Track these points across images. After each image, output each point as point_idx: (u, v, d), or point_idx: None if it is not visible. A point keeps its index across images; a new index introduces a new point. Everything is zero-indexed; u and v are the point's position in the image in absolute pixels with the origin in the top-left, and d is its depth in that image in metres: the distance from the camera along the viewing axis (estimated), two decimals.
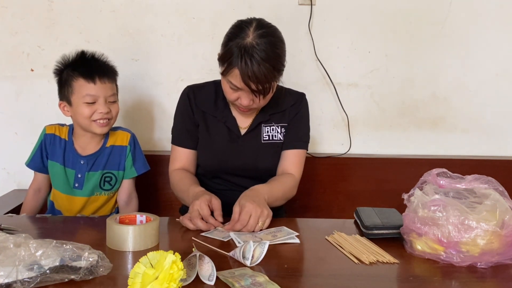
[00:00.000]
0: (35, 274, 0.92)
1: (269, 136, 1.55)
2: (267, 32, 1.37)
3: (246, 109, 1.46)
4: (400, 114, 2.11)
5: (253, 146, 1.55)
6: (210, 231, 1.27)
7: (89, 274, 0.96)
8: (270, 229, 1.28)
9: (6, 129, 2.05)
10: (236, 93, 1.41)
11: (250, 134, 1.56)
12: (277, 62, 1.37)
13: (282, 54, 1.40)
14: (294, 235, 1.24)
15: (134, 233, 1.12)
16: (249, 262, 1.05)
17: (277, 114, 1.57)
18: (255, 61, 1.32)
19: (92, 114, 1.53)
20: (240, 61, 1.33)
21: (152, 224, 1.16)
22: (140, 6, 2.00)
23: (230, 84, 1.40)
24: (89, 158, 1.61)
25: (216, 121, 1.57)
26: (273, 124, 1.56)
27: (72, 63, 1.57)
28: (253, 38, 1.34)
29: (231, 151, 1.54)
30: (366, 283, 1.02)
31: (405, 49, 2.06)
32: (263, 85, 1.35)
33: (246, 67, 1.32)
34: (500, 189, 1.16)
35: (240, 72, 1.34)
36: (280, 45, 1.40)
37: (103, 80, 1.53)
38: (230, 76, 1.38)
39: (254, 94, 1.38)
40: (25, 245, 0.96)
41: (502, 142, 2.13)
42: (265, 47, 1.33)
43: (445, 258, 1.10)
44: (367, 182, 1.99)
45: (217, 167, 1.56)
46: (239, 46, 1.34)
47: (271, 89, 1.40)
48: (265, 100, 1.44)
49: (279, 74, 1.41)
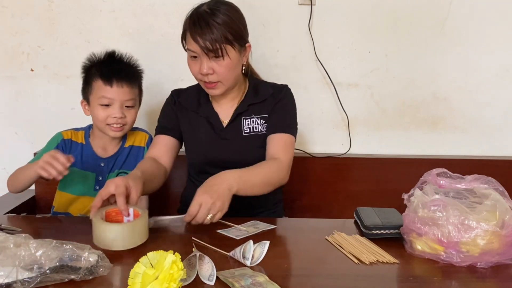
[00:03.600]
0: (35, 274, 0.92)
1: (250, 128, 1.54)
2: (221, 2, 1.45)
3: (210, 84, 1.45)
4: (400, 114, 2.11)
5: (235, 138, 1.54)
6: (227, 229, 1.29)
7: (89, 274, 0.96)
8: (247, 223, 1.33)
9: (6, 129, 2.06)
10: (197, 63, 1.44)
11: (231, 126, 1.55)
12: (228, 23, 1.40)
13: (236, 20, 1.43)
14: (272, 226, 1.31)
15: (123, 232, 1.09)
16: (249, 262, 1.05)
17: (256, 105, 1.55)
18: (203, 20, 1.39)
19: (107, 118, 1.52)
20: (190, 22, 1.41)
21: (141, 221, 1.13)
22: (140, 6, 2.00)
23: (189, 52, 1.45)
24: (109, 160, 1.60)
25: (198, 117, 1.58)
26: (253, 116, 1.55)
27: (97, 62, 1.56)
28: (206, 6, 1.43)
29: (215, 144, 1.55)
30: (366, 283, 1.02)
31: (405, 49, 2.05)
32: (213, 44, 1.38)
33: (196, 27, 1.39)
34: (500, 189, 1.16)
35: (190, 32, 1.40)
36: (234, 12, 1.45)
37: (121, 83, 1.51)
38: (187, 43, 1.44)
39: (208, 56, 1.40)
40: (25, 245, 0.96)
41: (502, 142, 2.12)
42: (216, 10, 1.41)
43: (445, 258, 1.10)
44: (367, 182, 1.99)
45: (204, 161, 1.56)
46: (191, 14, 1.43)
47: (225, 54, 1.40)
48: (224, 68, 1.42)
49: (235, 40, 1.42)
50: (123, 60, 1.58)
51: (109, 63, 1.55)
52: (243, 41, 1.47)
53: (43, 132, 1.98)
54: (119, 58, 1.58)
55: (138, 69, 1.61)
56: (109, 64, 1.55)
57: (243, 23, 1.48)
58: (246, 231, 1.27)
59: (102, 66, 1.54)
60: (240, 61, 1.48)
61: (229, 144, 1.54)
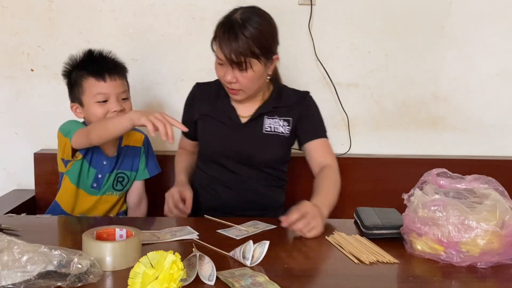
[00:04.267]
0: (19, 280, 0.89)
1: (271, 127, 1.57)
2: (255, 12, 1.46)
3: (232, 90, 1.49)
4: (400, 114, 2.11)
5: (253, 135, 1.57)
6: (227, 229, 1.29)
7: (78, 281, 0.92)
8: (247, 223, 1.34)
9: (6, 129, 2.05)
10: (223, 69, 1.47)
11: (251, 123, 1.58)
12: (256, 37, 1.41)
13: (266, 33, 1.45)
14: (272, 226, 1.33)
15: (114, 251, 1.01)
16: (249, 262, 1.05)
17: (281, 108, 1.59)
18: (232, 31, 1.41)
19: (106, 114, 1.49)
20: (222, 32, 1.43)
21: (134, 240, 1.05)
22: (140, 6, 2.00)
23: (217, 59, 1.48)
24: (112, 160, 1.59)
25: (216, 110, 1.61)
26: (276, 117, 1.58)
27: (80, 62, 1.54)
28: (239, 14, 1.44)
29: (231, 137, 1.58)
30: (366, 283, 1.02)
31: (405, 49, 2.05)
32: (238, 57, 1.40)
33: (224, 37, 1.42)
34: (500, 189, 1.16)
35: (219, 41, 1.43)
36: (266, 24, 1.46)
37: (113, 77, 1.50)
38: (216, 51, 1.47)
39: (233, 67, 1.43)
40: (9, 250, 0.93)
41: (502, 142, 2.12)
42: (248, 22, 1.42)
43: (445, 258, 1.10)
44: (367, 182, 1.99)
45: (217, 152, 1.60)
46: (223, 21, 1.46)
47: (249, 67, 1.43)
48: (247, 79, 1.45)
49: (262, 54, 1.44)
50: (105, 56, 1.56)
51: (94, 60, 1.54)
52: (270, 54, 1.49)
53: (43, 132, 1.99)
54: (99, 54, 1.56)
55: (121, 62, 1.59)
56: (94, 61, 1.53)
57: (273, 36, 1.50)
58: (246, 231, 1.27)
59: (88, 64, 1.52)
60: (265, 72, 1.50)
61: (247, 139, 1.56)
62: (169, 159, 1.95)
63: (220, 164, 1.60)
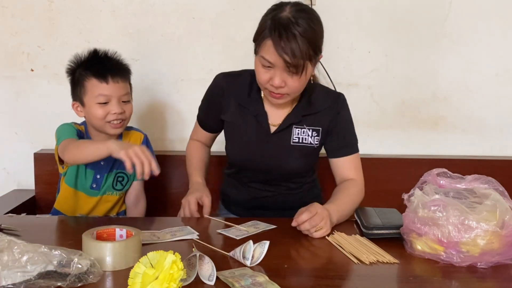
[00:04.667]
0: (19, 280, 0.89)
1: (299, 138, 1.49)
2: (304, 10, 1.34)
3: (278, 94, 1.37)
4: (400, 114, 2.11)
5: (281, 147, 1.49)
6: (227, 229, 1.29)
7: (78, 281, 0.92)
8: (247, 223, 1.34)
9: (6, 129, 2.05)
10: (268, 72, 1.34)
11: (280, 134, 1.49)
12: (312, 38, 1.30)
13: (319, 33, 1.35)
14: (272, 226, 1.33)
15: (114, 251, 1.01)
16: (249, 262, 1.05)
17: (310, 116, 1.49)
18: (290, 32, 1.27)
19: (106, 115, 1.49)
20: (274, 31, 1.28)
21: (134, 240, 1.05)
22: (140, 6, 2.00)
23: (262, 60, 1.33)
24: (109, 160, 1.56)
25: (247, 112, 1.51)
26: (305, 127, 1.49)
27: (84, 62, 1.53)
28: (289, 12, 1.30)
29: (258, 148, 1.50)
30: (366, 283, 1.02)
31: (405, 49, 2.05)
32: (296, 59, 1.28)
33: (279, 37, 1.27)
34: (500, 189, 1.16)
35: (273, 42, 1.28)
36: (317, 24, 1.34)
37: (116, 79, 1.49)
38: (263, 51, 1.32)
39: (287, 70, 1.31)
40: (9, 250, 0.93)
41: (502, 142, 2.12)
42: (302, 21, 1.29)
43: (445, 258, 1.10)
44: (367, 182, 1.96)
45: (244, 162, 1.55)
46: (274, 18, 1.30)
47: (304, 70, 1.31)
48: (298, 83, 1.34)
49: (315, 55, 1.33)
50: (110, 57, 1.55)
51: (98, 61, 1.53)
52: (319, 53, 1.38)
53: (43, 132, 1.99)
54: (105, 55, 1.55)
55: (125, 63, 1.59)
56: (98, 61, 1.52)
57: (323, 35, 1.38)
58: (246, 231, 1.27)
59: (92, 65, 1.51)
60: (311, 74, 1.41)
61: (272, 150, 1.50)
62: (169, 159, 1.96)
63: (250, 170, 1.56)
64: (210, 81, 1.62)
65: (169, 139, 2.10)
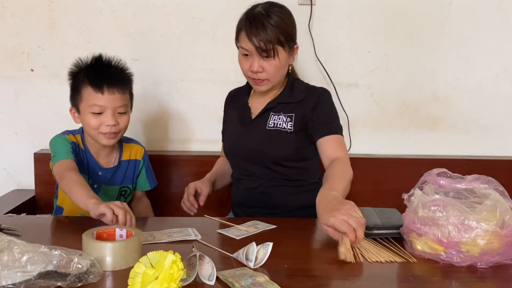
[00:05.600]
0: (19, 280, 0.89)
1: (274, 123, 1.56)
2: (275, 5, 1.51)
3: (258, 80, 1.51)
4: (400, 114, 2.11)
5: (258, 131, 1.57)
6: (227, 229, 1.29)
7: (78, 281, 0.92)
8: (247, 223, 1.34)
9: (6, 129, 2.05)
10: (248, 61, 1.50)
11: (258, 119, 1.59)
12: (281, 26, 1.46)
13: (288, 23, 1.50)
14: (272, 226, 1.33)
15: (114, 251, 1.01)
16: (252, 264, 1.04)
17: (287, 105, 1.57)
18: (259, 21, 1.46)
19: (99, 126, 1.45)
20: (246, 22, 1.48)
21: (134, 240, 1.05)
22: (140, 6, 2.00)
23: (241, 49, 1.50)
24: (108, 171, 1.57)
25: (234, 111, 1.67)
26: (281, 114, 1.57)
27: (85, 68, 1.49)
28: (261, 7, 1.50)
29: (241, 136, 1.60)
30: (366, 283, 1.02)
31: (405, 49, 2.06)
32: (267, 44, 1.44)
33: (250, 26, 1.46)
34: (500, 189, 1.16)
35: (246, 32, 1.47)
36: (287, 15, 1.51)
37: (112, 90, 1.44)
38: (240, 42, 1.50)
39: (260, 55, 1.46)
40: (9, 250, 0.93)
41: (502, 142, 2.12)
42: (271, 13, 1.47)
43: (445, 258, 1.10)
44: (367, 182, 1.99)
45: (231, 152, 1.65)
46: (248, 13, 1.50)
47: (276, 54, 1.46)
48: (274, 67, 1.48)
49: (287, 42, 1.48)
50: (112, 65, 1.51)
51: (98, 69, 1.48)
52: (292, 43, 1.53)
53: (43, 132, 1.99)
54: (107, 62, 1.50)
55: (128, 73, 1.55)
56: (98, 69, 1.47)
57: (294, 25, 1.54)
58: (246, 231, 1.27)
59: (91, 72, 1.46)
60: (287, 61, 1.54)
61: (253, 136, 1.58)
62: (169, 159, 1.96)
63: (239, 166, 1.65)
64: (210, 81, 1.63)
65: (169, 139, 2.10)
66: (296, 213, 1.58)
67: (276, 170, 1.57)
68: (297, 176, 1.60)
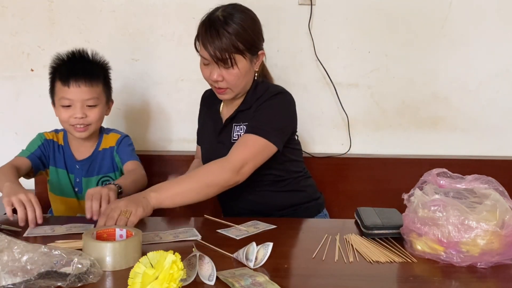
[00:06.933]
0: (19, 280, 0.89)
1: (238, 135, 1.50)
2: (237, 9, 1.44)
3: (219, 89, 1.46)
4: (400, 114, 2.11)
5: (226, 143, 1.51)
6: (227, 229, 1.29)
7: (78, 281, 0.92)
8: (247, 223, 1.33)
9: (6, 129, 2.05)
10: (208, 68, 1.44)
11: (225, 130, 1.54)
12: (240, 33, 1.39)
13: (250, 30, 1.42)
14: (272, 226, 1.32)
15: (114, 251, 1.01)
16: (252, 264, 1.04)
17: (245, 113, 1.50)
18: (214, 29, 1.39)
19: (69, 119, 1.49)
20: (203, 31, 1.41)
21: (134, 240, 1.05)
22: (140, 6, 2.00)
23: (202, 59, 1.45)
24: (83, 163, 1.59)
25: (208, 115, 1.64)
26: (241, 123, 1.51)
27: (58, 62, 1.53)
28: (220, 11, 1.42)
29: (214, 144, 1.57)
30: (366, 283, 1.02)
31: (405, 49, 2.05)
32: (222, 53, 1.37)
33: (205, 33, 1.40)
34: (500, 189, 1.16)
35: (202, 40, 1.41)
36: (249, 21, 1.43)
37: (78, 83, 1.46)
38: (199, 49, 1.44)
39: (217, 64, 1.40)
40: (9, 250, 0.93)
41: (502, 142, 2.12)
42: (230, 18, 1.40)
43: (445, 258, 1.10)
44: (367, 182, 1.99)
45: (206, 159, 1.52)
46: (205, 19, 1.44)
47: (234, 63, 1.40)
48: (233, 76, 1.42)
49: (246, 50, 1.41)
50: (84, 58, 1.53)
51: (69, 63, 1.52)
52: (255, 50, 1.45)
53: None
54: (80, 56, 1.53)
55: (100, 65, 1.56)
56: (68, 64, 1.51)
57: (257, 32, 1.46)
58: (246, 231, 1.27)
59: (62, 67, 1.51)
60: (251, 69, 1.47)
61: (223, 147, 1.48)
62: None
63: None
64: None
65: (169, 139, 2.10)
66: (288, 211, 1.55)
67: (254, 179, 1.44)
68: (279, 178, 1.54)
